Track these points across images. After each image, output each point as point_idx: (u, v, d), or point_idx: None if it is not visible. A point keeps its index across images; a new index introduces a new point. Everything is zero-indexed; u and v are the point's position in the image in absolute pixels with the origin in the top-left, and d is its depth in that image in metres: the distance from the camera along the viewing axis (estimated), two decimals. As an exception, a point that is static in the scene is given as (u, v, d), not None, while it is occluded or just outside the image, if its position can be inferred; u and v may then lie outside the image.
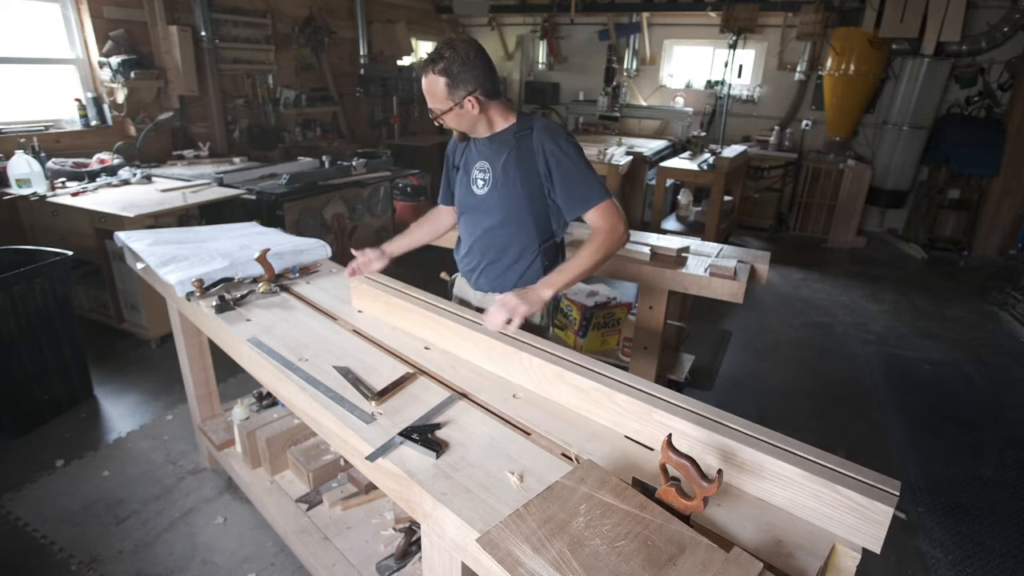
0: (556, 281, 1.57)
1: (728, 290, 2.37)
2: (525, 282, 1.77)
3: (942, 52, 5.45)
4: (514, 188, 1.66)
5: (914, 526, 2.30)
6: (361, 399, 1.34)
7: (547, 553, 0.85)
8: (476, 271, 1.84)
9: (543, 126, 1.64)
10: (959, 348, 3.86)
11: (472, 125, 1.65)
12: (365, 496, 2.01)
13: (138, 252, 2.12)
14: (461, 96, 1.55)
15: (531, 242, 1.73)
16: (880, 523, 0.92)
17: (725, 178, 4.86)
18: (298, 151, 5.26)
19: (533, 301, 1.50)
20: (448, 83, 1.53)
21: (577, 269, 1.58)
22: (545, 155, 1.61)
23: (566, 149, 1.60)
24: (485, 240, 1.78)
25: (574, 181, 1.61)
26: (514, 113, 1.68)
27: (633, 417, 1.19)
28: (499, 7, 7.20)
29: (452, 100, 1.55)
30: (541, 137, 1.62)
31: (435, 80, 1.53)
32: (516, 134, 1.65)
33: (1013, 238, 5.60)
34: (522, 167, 1.64)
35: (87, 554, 2.02)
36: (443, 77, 1.52)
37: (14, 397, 2.59)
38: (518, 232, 1.72)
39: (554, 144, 1.60)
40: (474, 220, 1.79)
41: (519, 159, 1.64)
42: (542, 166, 1.62)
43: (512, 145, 1.65)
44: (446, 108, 1.57)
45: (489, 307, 1.46)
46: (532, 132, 1.63)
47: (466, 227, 1.84)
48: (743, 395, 3.20)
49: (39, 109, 3.91)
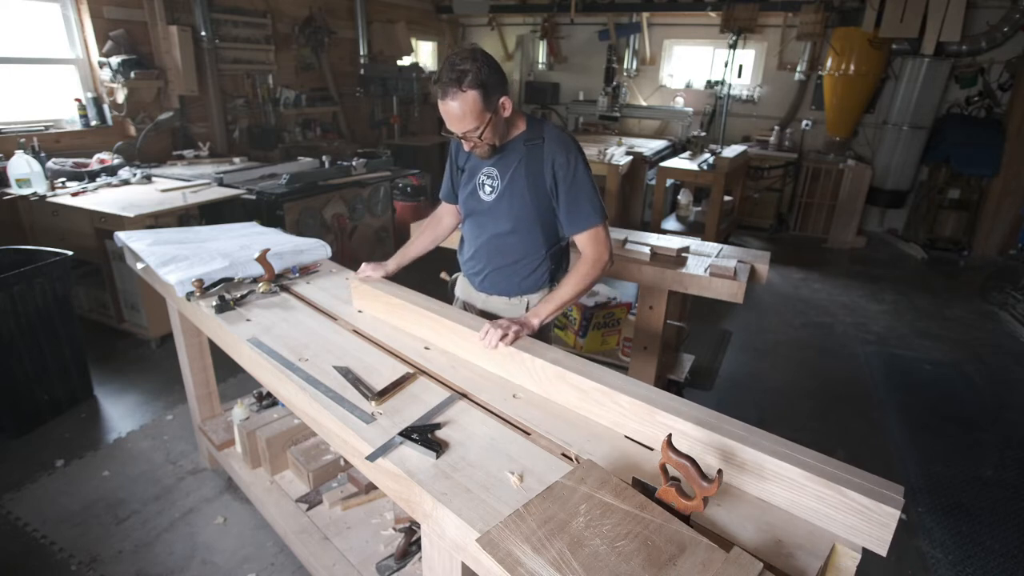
0: (542, 312, 1.60)
1: (728, 290, 2.37)
2: (531, 285, 1.78)
3: (942, 52, 5.45)
4: (523, 197, 1.65)
5: (914, 526, 2.30)
6: (361, 399, 1.34)
7: (547, 553, 0.85)
8: (481, 275, 1.83)
9: (555, 136, 1.63)
10: (959, 348, 3.86)
11: (507, 130, 1.62)
12: (365, 496, 2.01)
13: (138, 252, 2.12)
14: (496, 102, 1.51)
15: (538, 248, 1.74)
16: (886, 525, 0.92)
17: (725, 178, 4.86)
18: (298, 151, 5.26)
19: (525, 326, 1.52)
20: (483, 94, 1.47)
21: (562, 299, 1.62)
22: (554, 168, 1.60)
23: (575, 165, 1.60)
24: (492, 246, 1.77)
25: (577, 200, 1.61)
26: (523, 117, 1.66)
27: (634, 418, 1.19)
28: (499, 7, 7.20)
29: (490, 110, 1.50)
30: (553, 149, 1.60)
31: (468, 96, 1.45)
32: (527, 142, 1.63)
33: (1013, 238, 5.60)
34: (531, 177, 1.63)
35: (87, 554, 2.02)
36: (476, 90, 1.45)
37: (14, 397, 2.59)
38: (526, 239, 1.72)
39: (564, 159, 1.59)
40: (480, 225, 1.78)
41: (528, 168, 1.62)
42: (549, 178, 1.61)
43: (523, 154, 1.63)
44: (485, 121, 1.51)
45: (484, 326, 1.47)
46: (543, 142, 1.62)
47: (471, 231, 1.83)
48: (743, 395, 3.20)
49: (39, 109, 3.91)
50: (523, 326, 1.49)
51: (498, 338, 1.43)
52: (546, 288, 1.81)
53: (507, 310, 1.81)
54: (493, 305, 1.85)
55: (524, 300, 1.81)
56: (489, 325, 1.47)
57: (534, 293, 1.80)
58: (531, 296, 1.80)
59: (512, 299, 1.81)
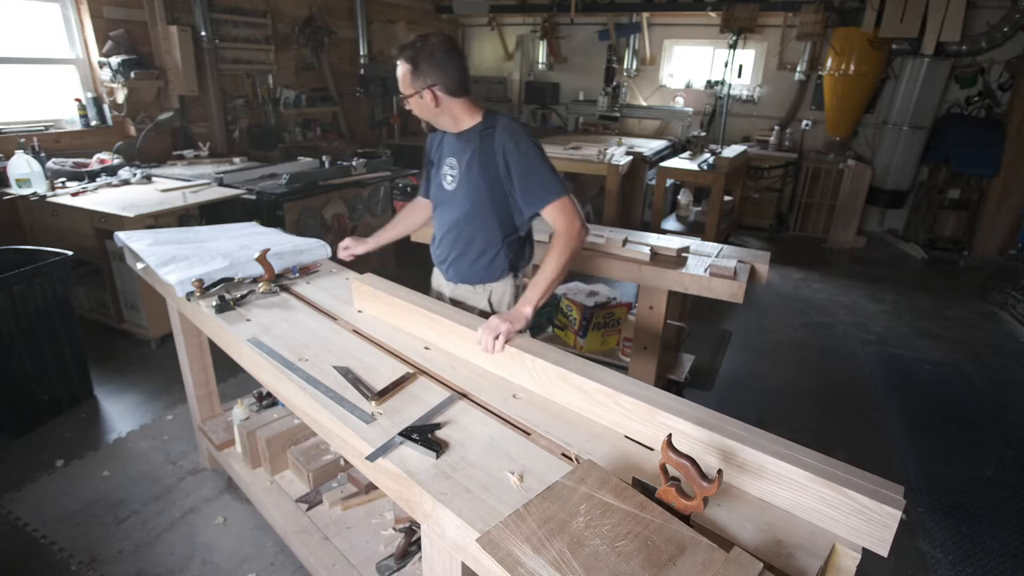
0: (532, 297, 1.62)
1: (728, 290, 2.37)
2: (492, 274, 1.84)
3: (942, 52, 5.45)
4: (477, 185, 1.73)
5: (914, 526, 2.30)
6: (361, 399, 1.34)
7: (547, 553, 0.85)
8: (446, 262, 1.91)
9: (505, 126, 1.70)
10: (959, 348, 3.86)
11: (433, 117, 1.73)
12: (365, 496, 2.01)
13: (138, 252, 2.12)
14: (420, 86, 1.64)
15: (495, 237, 1.79)
16: (887, 526, 0.92)
17: (725, 178, 4.85)
18: (298, 151, 5.26)
19: (516, 319, 1.53)
20: (411, 71, 1.62)
21: (547, 280, 1.64)
22: (504, 154, 1.67)
23: (524, 149, 1.66)
24: (453, 234, 1.85)
25: (531, 179, 1.67)
26: (481, 112, 1.74)
27: (635, 418, 1.19)
28: (499, 7, 7.20)
29: (413, 88, 1.65)
30: (502, 137, 1.68)
31: (401, 67, 1.64)
32: (481, 133, 1.72)
33: (1013, 238, 5.60)
34: (484, 166, 1.70)
35: (87, 554, 2.02)
36: (408, 64, 1.62)
37: (14, 397, 2.59)
38: (482, 227, 1.78)
39: (513, 144, 1.66)
40: (444, 214, 1.87)
41: (482, 158, 1.70)
42: (502, 165, 1.68)
43: (477, 144, 1.72)
44: (408, 94, 1.68)
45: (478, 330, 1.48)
46: (495, 132, 1.70)
47: (438, 220, 1.93)
48: (743, 395, 3.20)
49: (39, 109, 3.90)
50: (514, 321, 1.50)
51: (492, 340, 1.44)
52: (508, 277, 1.87)
53: (472, 297, 1.89)
54: (460, 293, 1.92)
55: (488, 288, 1.87)
56: (481, 329, 1.47)
57: (496, 282, 1.86)
58: (494, 284, 1.86)
59: (476, 287, 1.88)
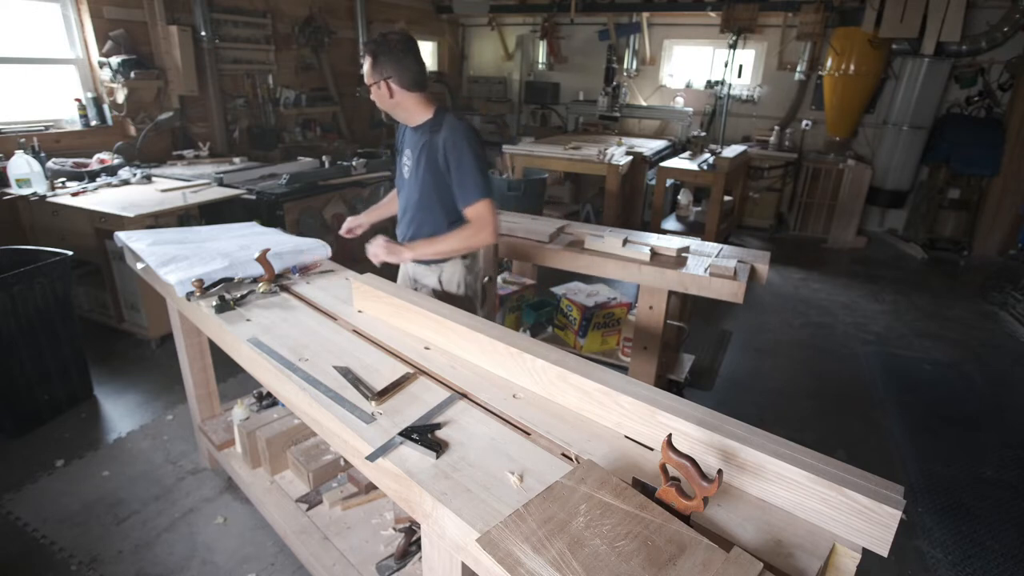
0: (417, 247, 1.97)
1: (728, 290, 2.37)
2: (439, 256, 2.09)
3: (942, 52, 5.45)
4: (424, 176, 1.93)
5: (914, 526, 2.30)
6: (361, 399, 1.34)
7: (547, 553, 0.85)
8: (404, 242, 2.09)
9: (450, 125, 1.87)
10: (959, 348, 3.86)
11: (390, 109, 1.92)
12: (365, 496, 2.01)
13: (138, 252, 2.12)
14: (378, 78, 1.83)
15: (441, 222, 1.98)
16: (887, 526, 0.92)
17: (725, 178, 4.85)
18: (298, 151, 5.26)
19: (394, 252, 1.93)
20: (372, 63, 1.82)
21: (437, 247, 1.96)
22: (445, 151, 1.85)
23: (462, 148, 1.84)
24: (407, 217, 2.07)
25: (462, 178, 1.86)
26: (433, 108, 1.92)
27: (636, 418, 1.19)
28: (499, 7, 7.20)
29: (372, 79, 1.84)
30: (445, 135, 1.86)
31: (364, 59, 1.85)
32: (430, 129, 1.90)
33: (1013, 238, 5.60)
34: (430, 160, 1.89)
35: (87, 554, 2.02)
36: (369, 57, 1.82)
37: (14, 397, 2.59)
38: (430, 214, 1.99)
39: (453, 142, 1.84)
40: (402, 199, 2.11)
41: (429, 152, 1.89)
42: (442, 161, 1.87)
43: (427, 138, 1.90)
44: (369, 83, 1.86)
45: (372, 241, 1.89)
46: (441, 128, 1.87)
47: (400, 203, 2.16)
48: (743, 395, 3.20)
49: (39, 109, 3.90)
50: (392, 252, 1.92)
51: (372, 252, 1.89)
52: (456, 259, 2.07)
53: (426, 275, 2.11)
54: (416, 272, 2.14)
55: (439, 268, 2.08)
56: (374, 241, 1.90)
57: (445, 262, 2.07)
58: (443, 265, 2.07)
59: (430, 267, 2.09)
